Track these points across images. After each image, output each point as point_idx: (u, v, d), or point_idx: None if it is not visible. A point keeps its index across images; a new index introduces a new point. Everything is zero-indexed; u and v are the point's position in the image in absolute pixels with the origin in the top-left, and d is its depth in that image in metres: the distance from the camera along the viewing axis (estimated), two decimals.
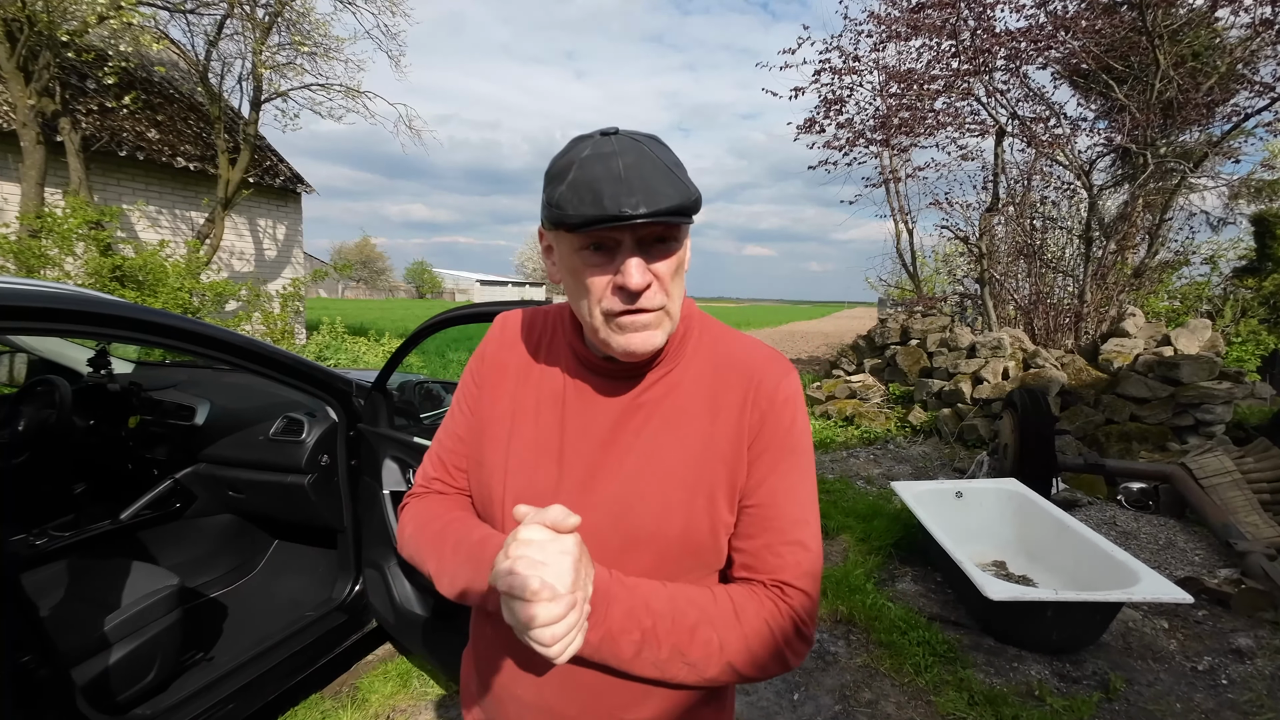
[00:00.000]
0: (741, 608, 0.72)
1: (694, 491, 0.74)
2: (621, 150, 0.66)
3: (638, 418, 0.77)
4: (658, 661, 0.69)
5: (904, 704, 2.44)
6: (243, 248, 9.86)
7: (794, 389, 0.79)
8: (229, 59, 8.45)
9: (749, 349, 0.81)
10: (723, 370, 0.78)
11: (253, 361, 1.94)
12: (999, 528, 3.68)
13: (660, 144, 0.70)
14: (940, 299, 9.66)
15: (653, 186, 0.64)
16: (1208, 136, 7.16)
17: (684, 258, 0.73)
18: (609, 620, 0.67)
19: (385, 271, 72.63)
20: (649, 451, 0.75)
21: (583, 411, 0.78)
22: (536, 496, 0.76)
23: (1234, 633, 2.94)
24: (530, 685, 0.78)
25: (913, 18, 7.04)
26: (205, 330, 1.78)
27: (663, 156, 0.67)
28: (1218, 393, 5.17)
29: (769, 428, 0.76)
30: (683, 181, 0.67)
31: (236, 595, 2.59)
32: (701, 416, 0.76)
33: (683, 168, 0.70)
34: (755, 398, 0.76)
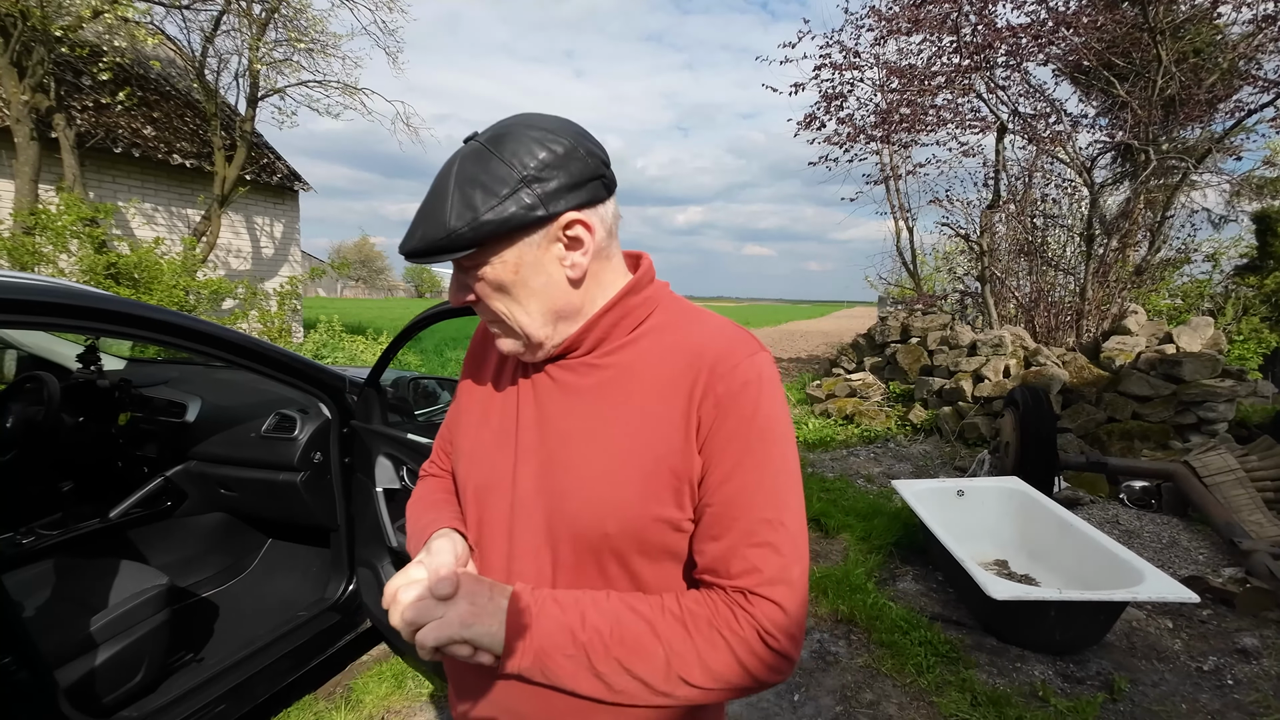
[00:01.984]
0: (692, 618, 0.66)
1: (635, 484, 0.68)
2: (437, 176, 0.69)
3: (584, 401, 0.74)
4: (600, 675, 0.65)
5: (906, 705, 2.40)
6: (239, 246, 9.81)
7: (756, 371, 0.70)
8: (225, 55, 8.41)
9: (709, 331, 0.73)
10: (679, 352, 0.71)
11: (244, 357, 1.90)
12: (1001, 526, 3.65)
13: (477, 158, 0.66)
14: (940, 297, 9.62)
15: (418, 224, 0.67)
16: (1209, 134, 7.12)
17: (509, 279, 0.69)
18: (538, 637, 0.65)
19: (384, 271, 72.58)
20: (592, 439, 0.71)
21: (537, 396, 0.77)
22: (494, 486, 0.77)
23: (1239, 632, 2.91)
24: (501, 688, 0.76)
25: (914, 12, 6.99)
26: (196, 325, 1.74)
27: (458, 182, 0.65)
28: (1220, 391, 5.14)
29: (728, 416, 0.68)
30: (449, 213, 0.65)
31: (228, 595, 2.55)
32: (651, 402, 0.70)
33: (475, 190, 0.64)
34: (709, 383, 0.68)
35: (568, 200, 0.66)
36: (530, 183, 0.64)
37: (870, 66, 7.58)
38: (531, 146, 0.65)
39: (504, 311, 0.71)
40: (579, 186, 0.67)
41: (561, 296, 0.71)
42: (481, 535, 0.79)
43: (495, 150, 0.65)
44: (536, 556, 0.72)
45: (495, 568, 0.76)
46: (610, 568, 0.71)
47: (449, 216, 0.64)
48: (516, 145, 0.65)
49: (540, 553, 0.72)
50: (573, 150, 0.67)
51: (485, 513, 0.78)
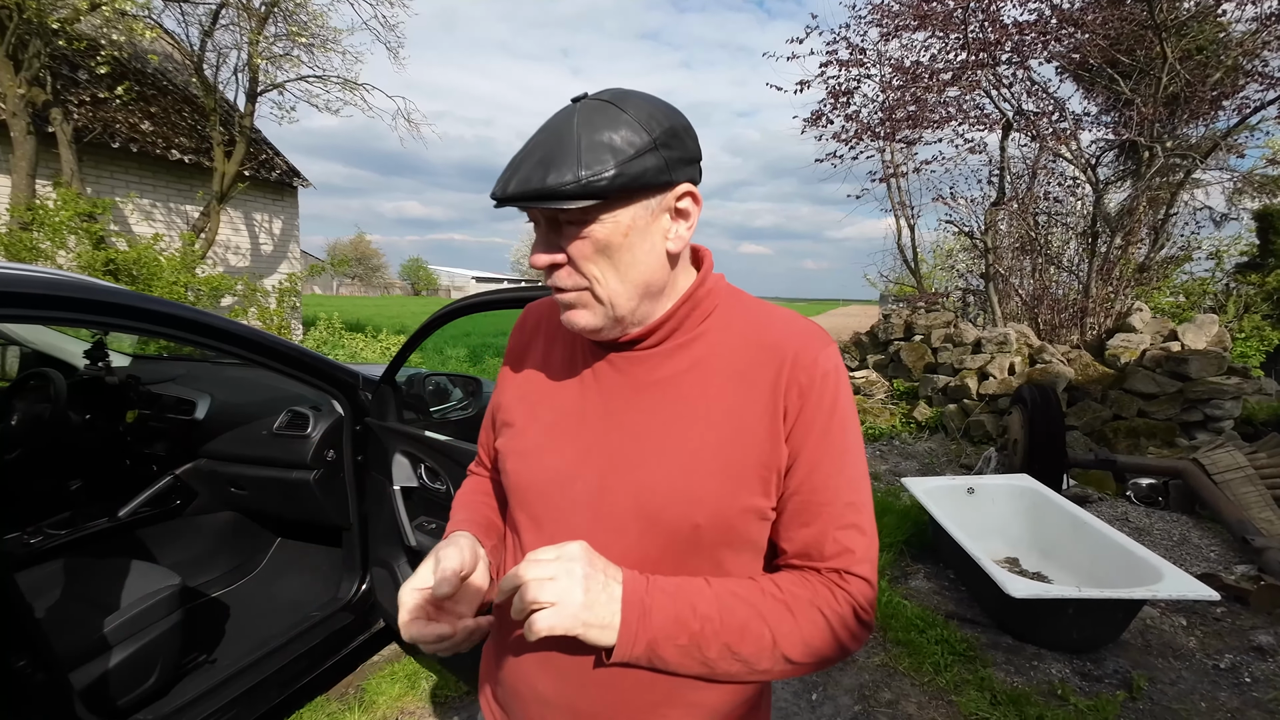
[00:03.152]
0: (794, 599, 0.69)
1: (722, 475, 0.69)
2: (551, 126, 0.65)
3: (655, 395, 0.72)
4: (707, 660, 0.66)
5: (925, 704, 2.39)
6: (238, 242, 9.74)
7: (834, 362, 0.73)
8: (224, 50, 8.34)
9: (783, 321, 0.75)
10: (753, 345, 0.72)
11: (257, 353, 1.87)
12: (1011, 524, 3.64)
13: (607, 114, 0.64)
14: (942, 295, 9.62)
15: (531, 171, 0.62)
16: (1212, 132, 7.12)
17: (613, 240, 0.66)
18: (649, 630, 0.64)
19: (380, 268, 72.27)
20: (670, 432, 0.70)
21: (600, 390, 0.75)
22: (557, 484, 0.74)
23: (1254, 630, 2.90)
24: (553, 683, 0.74)
25: (921, 9, 6.97)
26: (208, 320, 1.71)
27: (586, 133, 0.62)
28: (1227, 388, 5.14)
29: (811, 406, 0.70)
30: (576, 161, 0.61)
31: (238, 595, 2.51)
32: (729, 394, 0.71)
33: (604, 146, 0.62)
34: (793, 374, 0.70)
35: (685, 172, 0.67)
36: (660, 146, 0.64)
37: (874, 64, 7.56)
38: (657, 114, 0.65)
39: (598, 276, 0.67)
40: (693, 162, 0.68)
41: (657, 269, 0.70)
42: (540, 533, 0.76)
43: (625, 109, 0.64)
44: (610, 550, 0.70)
45: None
46: (694, 560, 0.70)
47: (578, 165, 0.61)
48: (644, 110, 0.65)
49: (615, 549, 0.70)
50: (688, 127, 0.68)
51: (547, 511, 0.75)
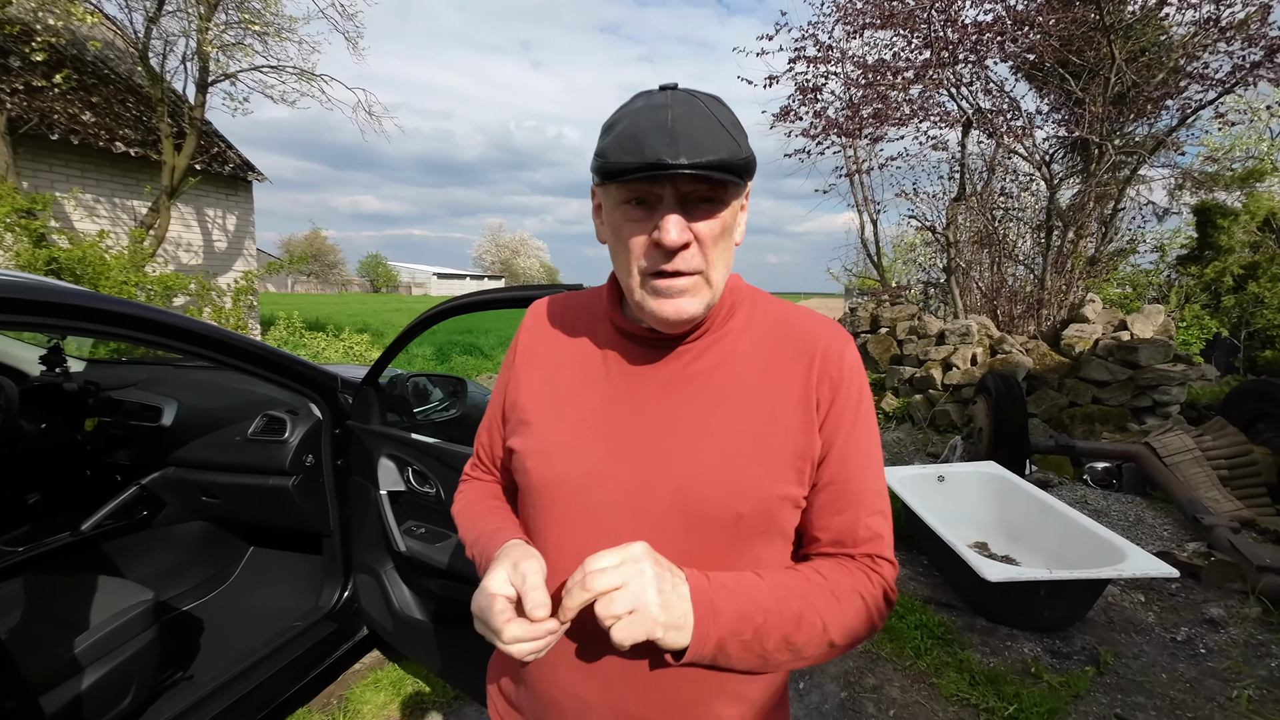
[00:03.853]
0: (837, 586, 0.72)
1: (761, 463, 0.71)
2: (674, 103, 0.64)
3: (689, 390, 0.73)
4: (764, 653, 0.68)
5: (908, 687, 2.46)
6: (190, 239, 9.34)
7: (856, 356, 0.77)
8: (171, 38, 7.95)
9: (808, 317, 0.78)
10: (781, 339, 0.75)
11: (229, 356, 1.79)
12: (980, 510, 3.76)
13: (720, 103, 0.68)
14: (905, 288, 9.86)
15: (698, 139, 0.61)
16: (1156, 131, 7.47)
17: (731, 224, 0.69)
18: (720, 628, 0.65)
19: (338, 265, 70.27)
20: (706, 425, 0.71)
21: (628, 387, 0.75)
22: (586, 480, 0.73)
23: (1206, 603, 3.07)
24: (596, 687, 0.73)
25: (884, 7, 7.11)
26: (178, 322, 1.63)
27: (718, 114, 0.65)
28: (1173, 374, 5.41)
29: (841, 399, 0.73)
30: (733, 139, 0.64)
31: (212, 607, 2.42)
32: (760, 387, 0.73)
33: (741, 129, 0.67)
34: (824, 368, 0.73)
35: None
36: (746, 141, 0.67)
37: (838, 61, 7.69)
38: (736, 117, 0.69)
39: (714, 260, 0.68)
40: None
41: (731, 259, 0.72)
42: (569, 533, 0.75)
43: (724, 106, 0.68)
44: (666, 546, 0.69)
45: None
46: (735, 550, 0.71)
47: (739, 143, 0.64)
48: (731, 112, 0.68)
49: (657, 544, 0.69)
50: None
51: (579, 511, 0.74)
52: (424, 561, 1.84)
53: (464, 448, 1.78)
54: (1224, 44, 6.54)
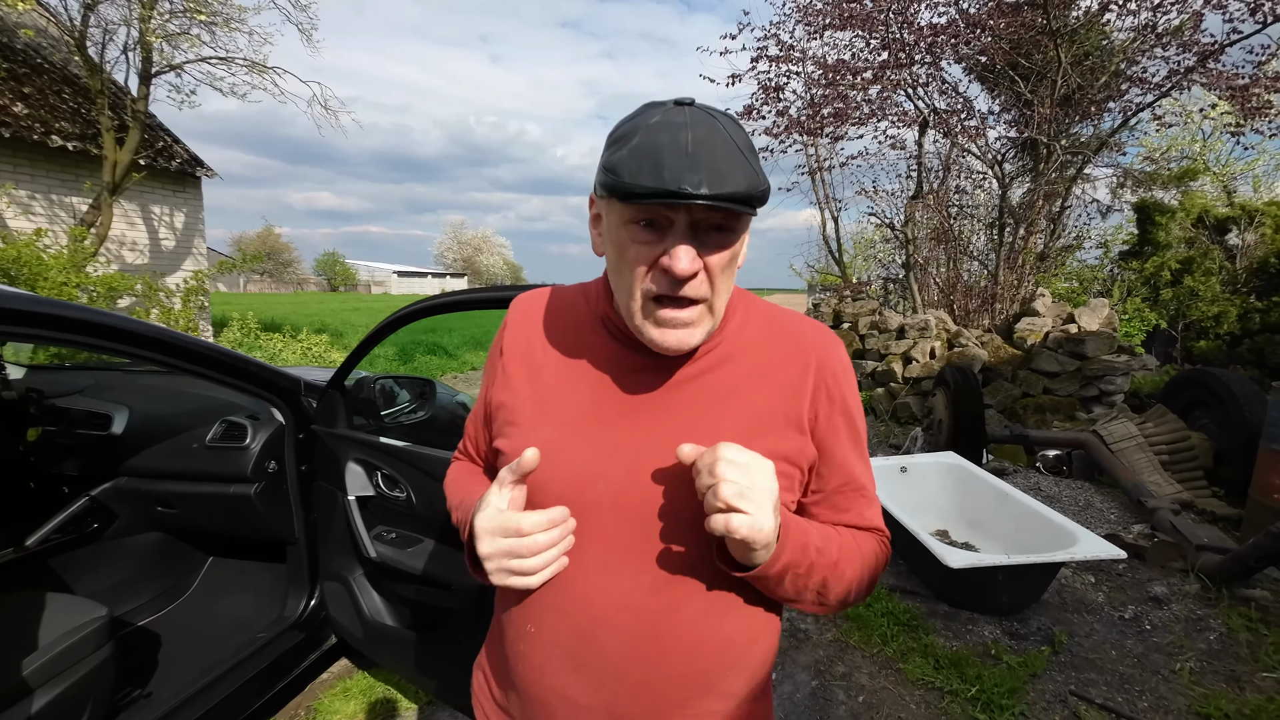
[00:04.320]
0: (863, 545, 0.77)
1: None
2: (694, 123, 0.61)
3: (681, 393, 0.73)
4: (803, 589, 0.71)
5: (875, 674, 2.52)
6: (135, 238, 8.93)
7: (848, 359, 0.80)
8: (111, 26, 7.56)
9: (798, 321, 0.80)
10: (773, 344, 0.76)
11: (185, 360, 1.72)
12: (940, 498, 3.88)
13: (736, 124, 0.66)
14: (866, 284, 10.09)
15: (720, 167, 0.60)
16: (1100, 131, 7.81)
17: (739, 252, 0.68)
18: (788, 553, 0.68)
19: (293, 263, 68.13)
20: (698, 429, 0.71)
21: (618, 388, 0.74)
22: (574, 482, 0.73)
23: (1150, 582, 3.23)
24: (588, 687, 0.73)
25: (843, 8, 7.25)
26: (124, 325, 1.56)
27: (736, 137, 0.63)
28: (1118, 365, 5.67)
29: (837, 404, 0.76)
30: (752, 167, 0.62)
31: (171, 620, 2.33)
32: (753, 391, 0.74)
33: (755, 154, 0.65)
34: (819, 372, 0.75)
35: None
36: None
37: (800, 60, 7.80)
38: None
39: (720, 288, 0.68)
40: None
41: (734, 281, 0.72)
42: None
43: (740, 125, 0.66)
44: (640, 549, 0.71)
45: (589, 565, 0.73)
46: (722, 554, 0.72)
47: (755, 171, 0.63)
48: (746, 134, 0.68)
49: (643, 545, 0.71)
50: None
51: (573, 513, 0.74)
52: (395, 567, 1.81)
53: (435, 450, 1.75)
54: (1160, 49, 6.88)
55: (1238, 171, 9.84)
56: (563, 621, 0.74)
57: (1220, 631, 2.78)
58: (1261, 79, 6.35)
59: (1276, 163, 9.88)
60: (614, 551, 0.72)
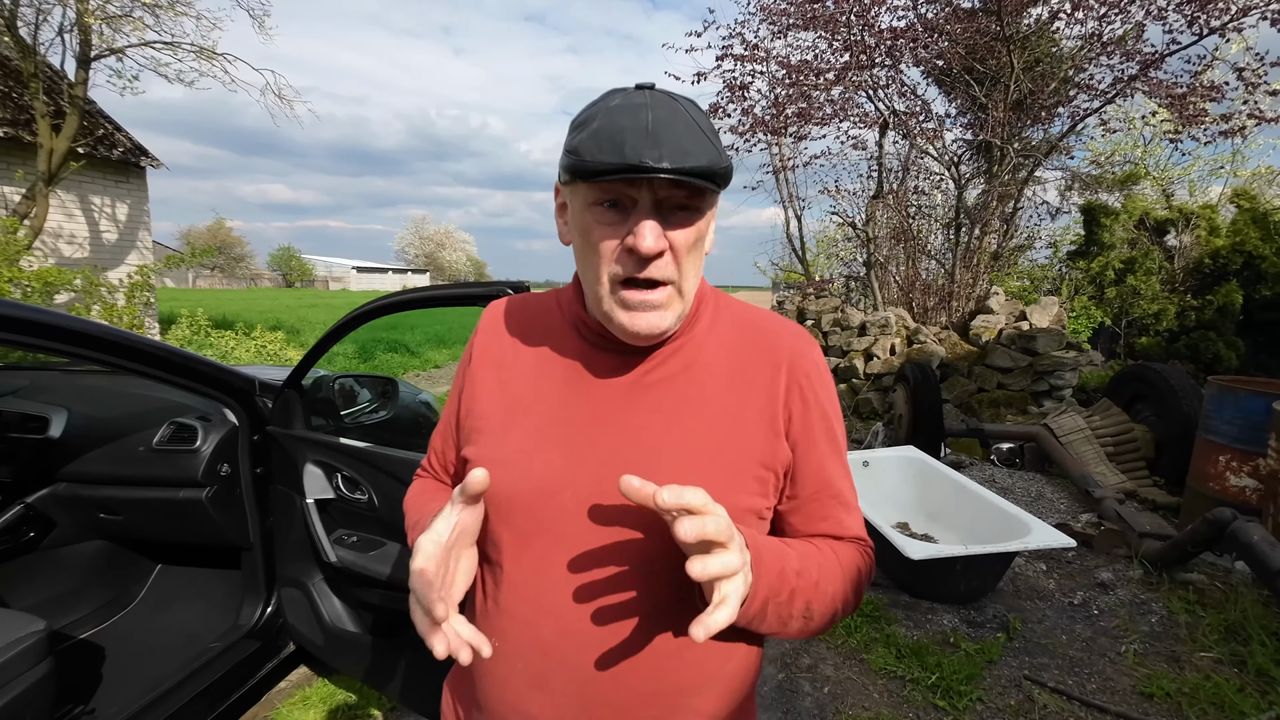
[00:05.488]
0: (844, 559, 0.74)
1: (723, 476, 0.69)
2: (655, 104, 0.61)
3: (651, 397, 0.71)
4: (789, 617, 0.67)
5: (840, 664, 2.57)
6: (73, 230, 8.49)
7: (824, 361, 0.78)
8: (45, 5, 7.15)
9: (772, 321, 0.77)
10: (747, 345, 0.74)
11: (129, 359, 1.64)
12: (901, 491, 3.98)
13: (698, 108, 0.66)
14: (828, 281, 10.27)
15: (681, 144, 0.59)
16: (1050, 135, 8.10)
17: (705, 233, 0.67)
18: (765, 588, 0.63)
19: (245, 258, 65.79)
20: (668, 434, 0.69)
21: (588, 393, 0.72)
22: (541, 492, 0.70)
23: (1097, 569, 3.38)
24: (549, 707, 0.70)
25: (806, 9, 7.35)
26: (61, 322, 1.47)
27: (697, 118, 0.63)
28: (1066, 361, 5.90)
29: (811, 407, 0.74)
30: (714, 146, 0.62)
31: (115, 633, 2.22)
32: (725, 395, 0.71)
33: (717, 135, 0.65)
34: (792, 374, 0.73)
35: None
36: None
37: (764, 60, 7.89)
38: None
39: (686, 269, 0.66)
40: None
41: (702, 266, 0.71)
42: (527, 545, 0.71)
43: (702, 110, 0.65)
44: (609, 559, 0.68)
45: (555, 576, 0.69)
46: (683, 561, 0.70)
47: (717, 150, 0.62)
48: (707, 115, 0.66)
49: (613, 555, 0.68)
50: None
51: (531, 524, 0.71)
52: (357, 571, 1.76)
53: (397, 451, 1.71)
54: (1105, 58, 7.17)
55: (1176, 176, 10.34)
56: (526, 633, 0.71)
57: (1161, 614, 2.92)
58: (1198, 88, 6.68)
59: (1211, 168, 10.43)
60: (581, 562, 0.69)
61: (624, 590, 0.68)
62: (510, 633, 0.72)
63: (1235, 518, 2.73)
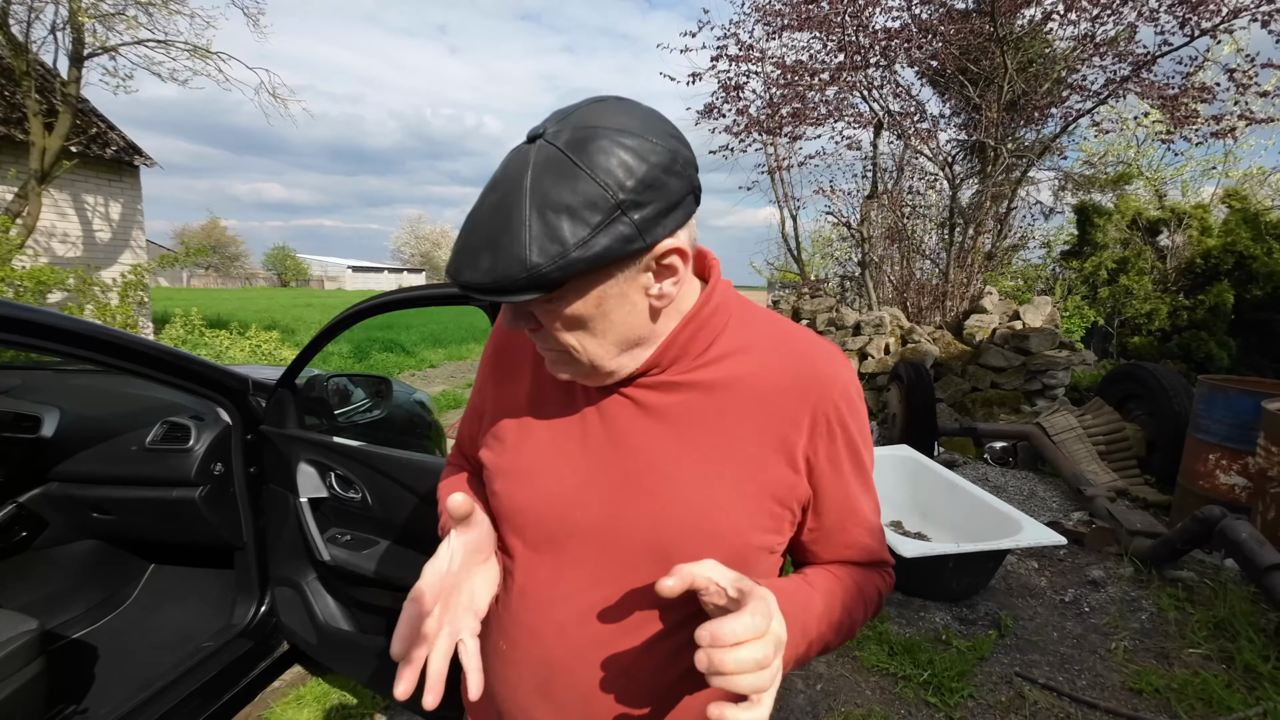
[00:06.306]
0: (865, 586, 0.74)
1: (741, 510, 0.66)
2: (502, 180, 0.54)
3: (669, 419, 0.67)
4: (805, 656, 0.67)
5: (833, 662, 2.59)
6: (66, 229, 8.45)
7: (857, 384, 0.72)
8: (37, 3, 7.11)
9: (803, 343, 0.70)
10: (774, 369, 0.67)
11: (122, 359, 1.64)
12: (894, 490, 3.99)
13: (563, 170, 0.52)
14: (824, 281, 10.30)
15: (477, 251, 0.54)
16: (1043, 136, 8.14)
17: (579, 314, 0.58)
18: (790, 648, 0.61)
19: (240, 257, 65.52)
20: (686, 461, 0.66)
21: (605, 409, 0.69)
22: (553, 507, 0.69)
23: (1089, 566, 3.40)
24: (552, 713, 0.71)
25: (801, 10, 7.37)
26: (54, 321, 1.47)
27: (535, 203, 0.51)
28: (1059, 360, 5.94)
29: (841, 436, 0.68)
30: (525, 244, 0.51)
31: (107, 632, 2.22)
32: (748, 422, 0.66)
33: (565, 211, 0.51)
34: (821, 403, 0.67)
35: (666, 225, 0.55)
36: (628, 209, 0.52)
37: (759, 60, 7.90)
38: (626, 159, 0.52)
39: (573, 345, 0.61)
40: (677, 207, 0.56)
41: (642, 327, 0.63)
42: (547, 560, 0.70)
43: (582, 163, 0.52)
44: (617, 582, 0.67)
45: (564, 592, 0.69)
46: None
47: (528, 249, 0.51)
48: (608, 157, 0.52)
49: (625, 582, 0.67)
50: (671, 162, 0.55)
51: (542, 538, 0.70)
52: (350, 570, 1.77)
53: (392, 450, 1.72)
54: (1098, 59, 7.21)
55: (1168, 176, 10.40)
56: (535, 644, 0.70)
57: (1151, 611, 2.94)
58: (1189, 89, 6.73)
59: (1203, 169, 10.50)
60: (589, 581, 0.68)
61: (630, 612, 0.67)
62: (520, 641, 0.72)
63: (1224, 515, 2.75)
